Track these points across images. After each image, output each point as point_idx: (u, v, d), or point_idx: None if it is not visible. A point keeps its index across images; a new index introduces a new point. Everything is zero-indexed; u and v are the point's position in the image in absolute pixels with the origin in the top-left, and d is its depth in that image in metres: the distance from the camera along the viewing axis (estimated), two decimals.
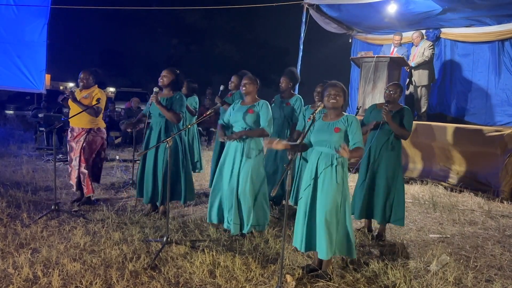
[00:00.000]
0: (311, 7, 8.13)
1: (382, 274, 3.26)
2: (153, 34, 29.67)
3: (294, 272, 3.21)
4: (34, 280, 2.91)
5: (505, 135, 5.77)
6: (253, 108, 3.93)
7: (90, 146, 4.70)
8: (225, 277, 3.08)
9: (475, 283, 3.23)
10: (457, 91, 8.44)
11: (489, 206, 5.42)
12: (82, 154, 4.65)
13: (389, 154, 4.04)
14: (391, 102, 4.05)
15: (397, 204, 4.05)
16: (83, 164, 4.66)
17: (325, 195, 3.03)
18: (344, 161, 3.11)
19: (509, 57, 7.72)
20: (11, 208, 4.44)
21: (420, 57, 7.61)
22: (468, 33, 8.15)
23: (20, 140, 9.44)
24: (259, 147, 3.94)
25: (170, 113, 4.27)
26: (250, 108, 3.93)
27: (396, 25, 8.39)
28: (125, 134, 9.93)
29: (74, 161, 4.68)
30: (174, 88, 4.45)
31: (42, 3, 9.31)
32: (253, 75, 4.18)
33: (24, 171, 6.31)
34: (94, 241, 3.65)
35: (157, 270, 3.16)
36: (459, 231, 4.49)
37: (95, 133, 4.72)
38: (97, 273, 3.03)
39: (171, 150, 3.61)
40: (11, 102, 15.82)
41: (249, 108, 3.93)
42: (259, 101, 4.00)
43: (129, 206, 4.77)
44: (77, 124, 4.67)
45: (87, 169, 4.67)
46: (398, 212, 4.05)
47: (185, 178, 4.47)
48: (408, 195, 5.93)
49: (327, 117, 3.20)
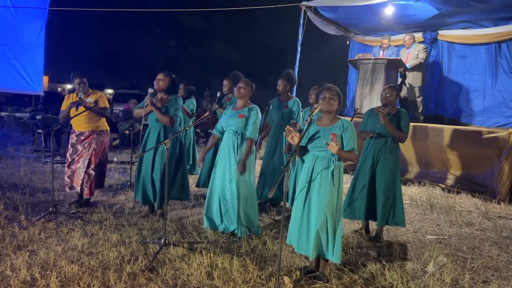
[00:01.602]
0: (308, 9, 8.16)
1: (379, 275, 3.27)
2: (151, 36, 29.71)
3: (291, 273, 3.22)
4: (32, 282, 2.90)
5: (502, 136, 5.79)
6: (243, 113, 3.97)
7: (100, 148, 4.76)
8: (223, 278, 3.08)
9: (472, 284, 3.24)
10: (454, 92, 8.48)
11: (486, 207, 5.44)
12: (93, 156, 4.68)
13: (387, 157, 4.05)
14: (387, 104, 4.07)
15: (397, 206, 4.07)
16: (92, 165, 4.68)
17: (321, 199, 3.03)
18: (340, 165, 3.12)
19: (505, 58, 7.76)
20: (9, 210, 4.44)
21: (415, 59, 7.65)
22: (465, 35, 8.19)
23: (18, 142, 9.41)
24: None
25: (164, 117, 4.28)
26: (240, 113, 3.98)
27: (394, 28, 8.43)
28: (123, 136, 9.93)
29: (80, 163, 4.68)
30: (170, 92, 4.46)
31: (40, 5, 9.31)
32: (247, 77, 4.21)
33: (21, 173, 6.30)
34: (92, 243, 3.65)
35: (155, 272, 3.17)
36: (456, 232, 4.50)
37: (104, 135, 4.81)
38: (95, 275, 3.03)
39: (169, 152, 3.62)
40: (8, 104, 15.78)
41: (239, 113, 3.98)
42: (249, 106, 4.03)
43: (127, 208, 4.77)
44: (86, 129, 4.70)
45: (94, 171, 4.69)
46: (398, 213, 4.08)
47: (181, 179, 4.51)
48: (406, 197, 5.94)
49: (322, 121, 3.20)
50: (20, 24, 9.30)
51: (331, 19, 8.84)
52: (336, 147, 2.85)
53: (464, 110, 8.28)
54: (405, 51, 7.92)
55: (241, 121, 3.95)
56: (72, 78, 4.71)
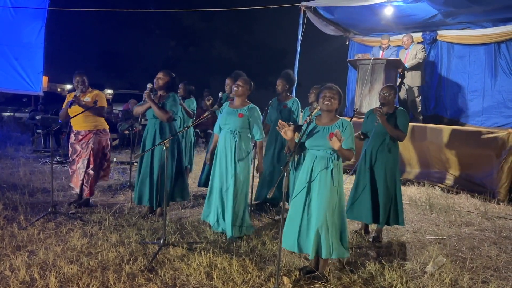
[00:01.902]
0: (308, 10, 8.16)
1: (378, 275, 3.28)
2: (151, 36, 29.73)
3: (291, 273, 3.22)
4: (31, 283, 2.90)
5: (501, 137, 5.80)
6: (242, 112, 3.96)
7: (99, 147, 4.73)
8: (222, 279, 3.08)
9: (471, 284, 3.24)
10: (453, 93, 8.48)
11: (485, 207, 5.44)
12: (92, 156, 4.66)
13: (386, 157, 4.05)
14: (385, 104, 4.08)
15: (397, 206, 4.07)
16: (91, 165, 4.67)
17: (321, 198, 3.03)
18: (340, 164, 3.12)
19: (505, 59, 7.76)
20: (8, 210, 4.44)
21: (413, 59, 7.66)
22: (464, 35, 8.20)
23: (17, 142, 9.41)
24: (248, 149, 4.02)
25: (161, 111, 4.27)
26: (240, 112, 3.96)
27: (393, 28, 8.43)
28: (123, 136, 9.93)
29: (80, 164, 4.68)
30: (169, 90, 4.46)
31: (39, 5, 9.31)
32: (248, 77, 4.21)
33: (21, 173, 6.30)
34: (91, 243, 3.65)
35: (154, 272, 3.17)
36: (455, 233, 4.50)
37: (101, 134, 4.76)
38: (94, 276, 3.03)
39: (168, 152, 3.62)
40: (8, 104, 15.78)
41: (239, 112, 3.96)
42: (248, 105, 4.03)
43: (126, 208, 4.76)
44: (83, 128, 4.67)
45: (94, 171, 4.68)
46: (398, 213, 4.08)
47: (180, 178, 4.52)
48: (405, 197, 5.94)
49: (321, 120, 3.20)
50: (19, 24, 9.30)
51: (331, 19, 8.84)
52: (339, 143, 2.84)
53: (464, 110, 8.28)
54: (404, 51, 7.93)
55: (241, 120, 3.94)
56: (73, 76, 4.71)
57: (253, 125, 3.99)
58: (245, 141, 3.99)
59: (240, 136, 3.96)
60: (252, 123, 3.99)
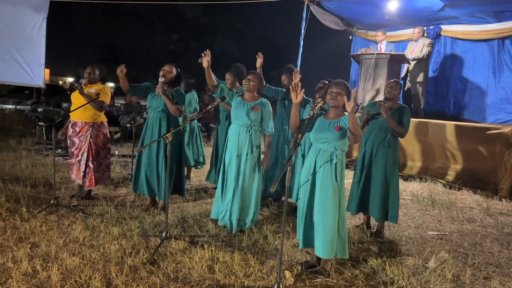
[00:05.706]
0: (312, 3, 8.12)
1: (380, 270, 3.28)
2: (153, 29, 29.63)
3: (292, 268, 3.22)
4: (33, 274, 2.91)
5: (504, 133, 5.78)
6: (257, 106, 3.96)
7: (96, 140, 4.70)
8: (224, 272, 3.09)
9: (473, 280, 3.24)
10: (456, 88, 8.45)
11: (488, 203, 5.43)
12: (90, 148, 4.64)
13: (386, 151, 4.04)
14: (390, 99, 4.07)
15: (393, 201, 4.06)
16: (91, 158, 4.66)
17: (324, 194, 3.03)
18: (343, 158, 3.12)
19: (509, 55, 7.72)
20: (10, 202, 4.44)
21: (419, 52, 7.62)
22: (468, 31, 8.15)
23: (19, 135, 9.42)
24: (257, 143, 4.01)
25: (175, 107, 4.27)
26: (255, 105, 3.95)
27: (397, 22, 8.39)
28: (124, 130, 9.93)
29: (80, 156, 4.67)
30: (174, 84, 4.44)
31: None
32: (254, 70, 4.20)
33: (23, 165, 6.30)
34: (93, 236, 3.65)
35: (156, 265, 3.17)
36: (457, 229, 4.50)
37: (98, 127, 4.73)
38: (96, 268, 3.04)
39: (171, 145, 3.61)
40: (10, 96, 15.77)
41: (254, 106, 3.95)
42: (261, 99, 4.03)
43: (128, 201, 4.77)
44: (79, 118, 4.64)
45: (94, 163, 4.67)
46: (393, 209, 4.07)
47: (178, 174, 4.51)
48: (407, 192, 5.94)
49: (328, 115, 3.21)
50: (21, 16, 9.26)
51: (334, 14, 8.79)
52: (353, 103, 2.84)
53: (467, 106, 8.26)
54: (412, 43, 7.91)
55: (256, 114, 3.93)
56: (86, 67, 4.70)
57: (266, 119, 3.99)
58: (257, 135, 4.00)
59: (254, 130, 3.96)
60: (264, 117, 3.99)
